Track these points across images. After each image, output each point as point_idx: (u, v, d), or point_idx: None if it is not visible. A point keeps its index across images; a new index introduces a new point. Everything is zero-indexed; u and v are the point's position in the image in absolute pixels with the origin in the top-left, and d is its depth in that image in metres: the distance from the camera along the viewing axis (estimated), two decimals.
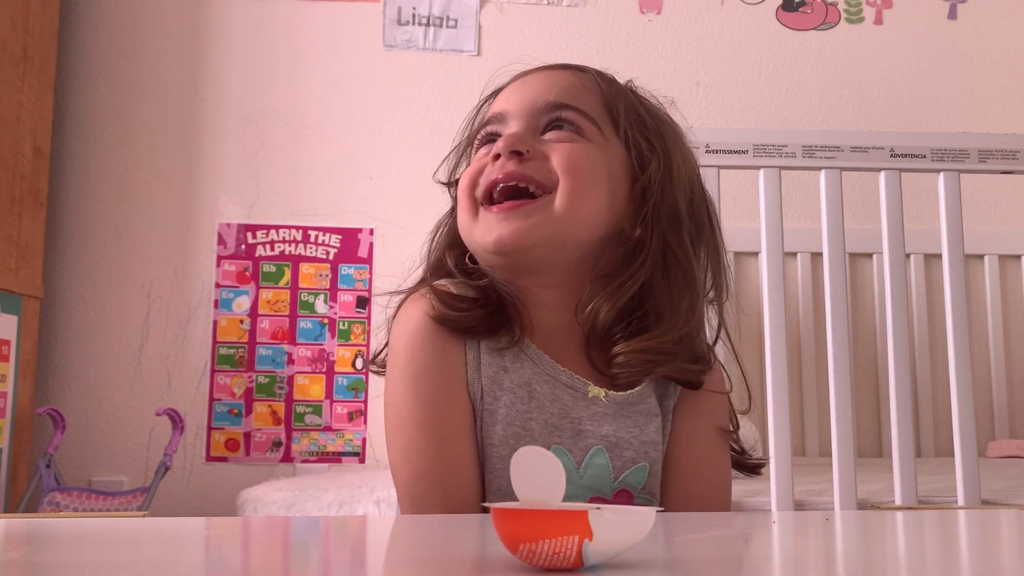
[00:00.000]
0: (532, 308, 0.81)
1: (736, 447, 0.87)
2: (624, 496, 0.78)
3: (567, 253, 0.80)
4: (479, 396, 0.78)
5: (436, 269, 0.88)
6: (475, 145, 0.87)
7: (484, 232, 0.80)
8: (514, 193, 0.79)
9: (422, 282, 0.85)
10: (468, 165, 0.88)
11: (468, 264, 0.85)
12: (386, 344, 0.84)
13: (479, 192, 0.81)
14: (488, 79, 0.92)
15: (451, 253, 0.87)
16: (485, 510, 0.75)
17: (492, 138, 0.84)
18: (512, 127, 0.82)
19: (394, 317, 0.83)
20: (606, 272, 0.80)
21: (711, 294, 0.86)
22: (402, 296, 0.83)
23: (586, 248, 0.80)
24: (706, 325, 0.86)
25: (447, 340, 0.77)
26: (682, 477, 0.81)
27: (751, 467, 0.89)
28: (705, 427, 0.83)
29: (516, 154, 0.79)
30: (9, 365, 2.12)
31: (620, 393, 0.79)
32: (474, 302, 0.79)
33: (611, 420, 0.78)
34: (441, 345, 0.77)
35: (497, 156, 0.80)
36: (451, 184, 0.90)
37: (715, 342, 0.88)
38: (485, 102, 0.90)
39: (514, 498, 0.46)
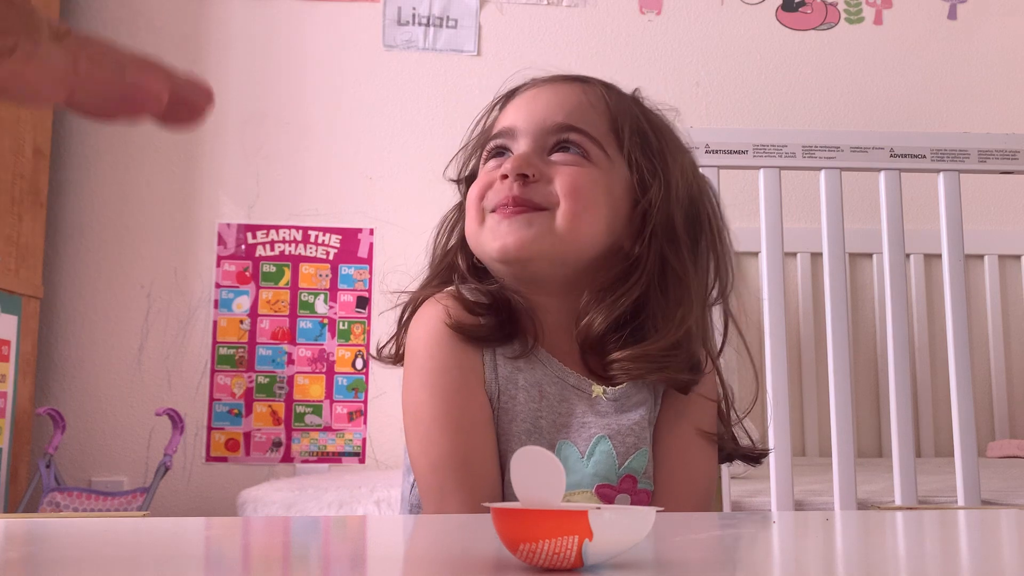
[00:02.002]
0: (538, 312, 0.85)
1: (730, 442, 0.89)
2: (629, 481, 0.81)
3: (566, 268, 0.84)
4: (496, 395, 0.81)
5: (448, 270, 0.91)
6: (485, 155, 0.90)
7: (490, 238, 0.84)
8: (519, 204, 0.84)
9: (438, 285, 0.89)
10: (475, 165, 0.92)
11: (478, 265, 0.89)
12: (394, 336, 0.88)
13: (487, 204, 0.85)
14: (489, 82, 0.94)
15: (462, 255, 0.90)
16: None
17: (501, 151, 0.88)
18: (521, 145, 0.86)
19: (409, 318, 0.86)
20: (603, 285, 0.84)
21: (715, 293, 0.89)
22: (416, 296, 0.87)
23: (586, 262, 0.84)
24: (709, 331, 0.89)
25: (462, 342, 0.81)
26: (662, 460, 0.84)
27: (753, 458, 0.92)
28: (685, 425, 0.85)
29: (522, 176, 0.83)
30: (9, 365, 2.12)
31: (617, 388, 0.83)
32: (487, 308, 0.83)
33: (612, 413, 0.83)
34: (459, 345, 0.81)
35: (505, 176, 0.84)
36: (460, 181, 0.94)
37: (723, 343, 0.91)
38: (497, 103, 0.93)
39: None
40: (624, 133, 0.87)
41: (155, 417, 2.27)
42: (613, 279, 0.84)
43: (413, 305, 0.86)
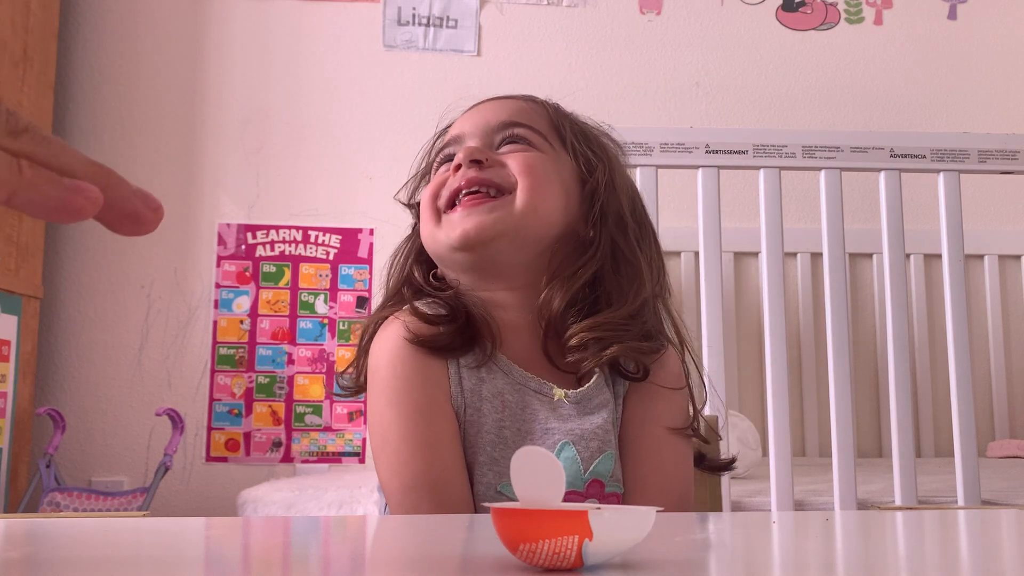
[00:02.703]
0: (497, 314, 0.85)
1: (698, 447, 0.89)
2: (596, 486, 0.81)
3: (527, 249, 0.85)
4: (462, 408, 0.81)
5: (405, 285, 0.92)
6: (434, 167, 0.93)
7: (448, 231, 0.85)
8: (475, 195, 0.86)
9: (393, 304, 0.89)
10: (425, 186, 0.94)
11: (434, 281, 0.90)
12: (353, 362, 0.88)
13: (442, 202, 0.87)
14: (488, 82, 0.96)
15: (418, 269, 0.92)
16: (485, 510, 0.76)
17: (450, 158, 0.90)
18: (469, 144, 0.89)
19: (368, 342, 0.86)
20: (560, 271, 0.86)
21: (657, 288, 0.91)
22: (373, 319, 0.87)
23: (543, 245, 0.86)
24: (663, 321, 0.91)
25: (427, 356, 0.81)
26: (632, 466, 0.84)
27: (718, 468, 0.92)
28: (652, 424, 0.85)
29: (476, 163, 0.85)
30: (9, 365, 2.12)
31: (578, 391, 0.83)
32: (445, 318, 0.83)
33: (575, 417, 0.83)
34: (422, 360, 0.81)
35: (458, 167, 0.86)
36: (411, 206, 0.96)
37: (680, 336, 0.92)
38: (441, 134, 0.96)
39: (501, 495, 0.46)
40: (565, 129, 0.91)
41: (155, 417, 2.27)
42: (569, 263, 0.86)
43: (373, 327, 0.86)
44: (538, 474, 0.45)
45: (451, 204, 0.86)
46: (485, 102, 0.94)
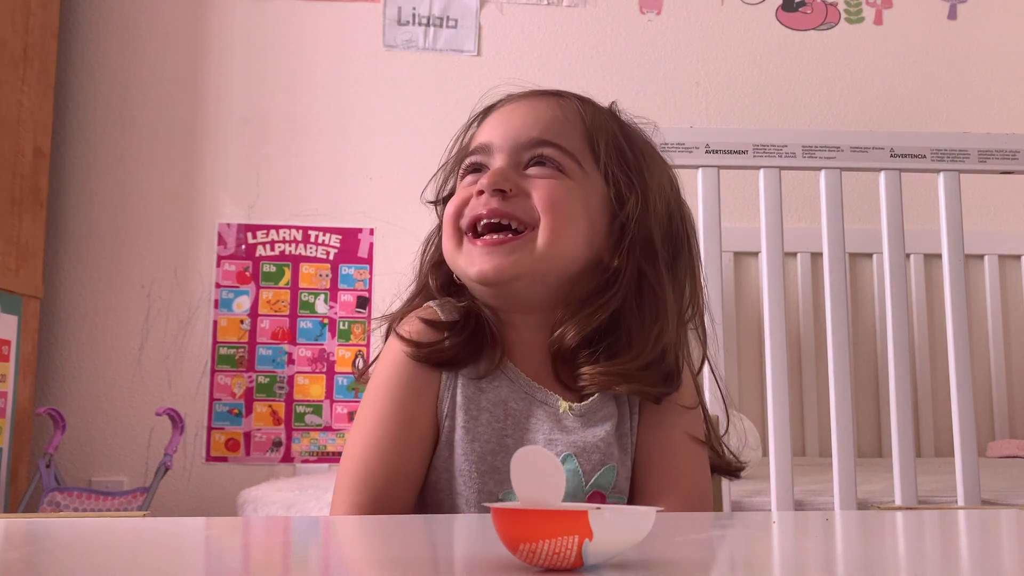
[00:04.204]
0: (510, 328, 0.86)
1: (715, 453, 0.88)
2: (597, 498, 0.82)
3: (547, 286, 0.84)
4: (450, 413, 0.82)
5: (424, 287, 0.92)
6: (461, 171, 0.90)
7: (467, 263, 0.84)
8: (497, 227, 0.84)
9: (417, 302, 0.89)
10: (454, 184, 0.92)
11: (457, 282, 0.89)
12: (371, 363, 0.89)
13: (464, 223, 0.85)
14: (488, 82, 0.94)
15: (437, 271, 0.91)
16: (484, 510, 0.76)
17: (477, 168, 0.88)
18: (496, 161, 0.86)
19: (386, 338, 0.87)
20: (580, 298, 0.84)
21: (689, 312, 0.89)
22: (391, 318, 0.88)
23: (564, 279, 0.84)
24: (685, 346, 0.88)
25: (422, 368, 0.82)
26: (650, 474, 0.84)
27: (732, 471, 0.91)
28: (669, 430, 0.85)
29: (499, 192, 0.83)
30: (9, 365, 2.12)
31: (583, 404, 0.83)
32: (452, 327, 0.83)
33: (579, 429, 0.82)
34: (413, 370, 0.82)
35: (481, 192, 0.84)
36: (438, 203, 0.94)
37: (702, 363, 0.91)
38: (474, 121, 0.93)
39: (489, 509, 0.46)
40: (600, 147, 0.87)
41: (155, 417, 2.27)
42: (590, 292, 0.84)
43: (389, 327, 0.87)
44: (538, 474, 0.45)
45: (472, 227, 0.84)
46: (521, 101, 0.90)
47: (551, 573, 0.43)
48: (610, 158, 0.87)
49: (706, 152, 1.59)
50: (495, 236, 0.83)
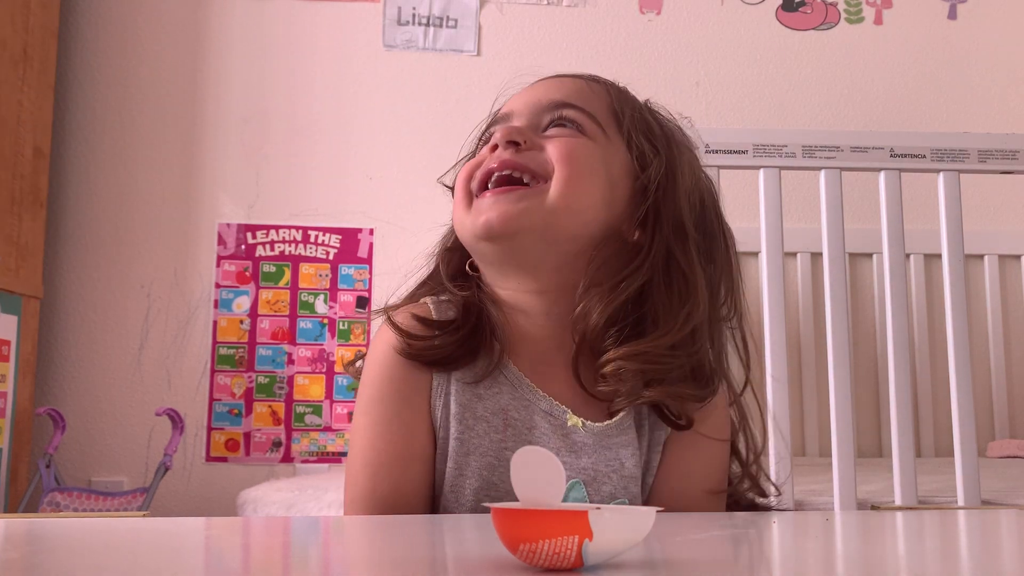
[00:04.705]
0: (518, 319, 0.78)
1: (748, 489, 0.82)
2: None
3: (559, 246, 0.77)
4: (444, 422, 0.75)
5: (429, 278, 0.86)
6: (478, 146, 0.87)
7: (475, 218, 0.78)
8: (509, 182, 0.78)
9: (418, 291, 0.84)
10: None
11: (469, 271, 0.83)
12: (364, 355, 0.84)
13: (474, 183, 0.80)
14: (488, 82, 0.92)
15: (450, 257, 0.85)
16: (483, 511, 0.76)
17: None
18: (515, 123, 0.82)
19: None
20: (600, 279, 0.76)
21: (725, 309, 0.83)
22: (386, 311, 0.82)
23: (580, 244, 0.77)
24: (723, 351, 0.82)
25: (410, 369, 0.76)
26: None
27: (764, 508, 0.85)
28: (690, 477, 0.78)
29: (513, 144, 0.78)
30: (9, 365, 2.12)
31: (599, 424, 0.75)
32: (448, 325, 0.77)
33: (590, 452, 0.75)
34: (401, 371, 0.76)
35: (495, 148, 0.79)
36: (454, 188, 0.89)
37: (747, 380, 0.84)
38: (497, 111, 0.89)
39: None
40: (624, 115, 0.82)
41: (155, 417, 2.27)
42: (611, 270, 0.76)
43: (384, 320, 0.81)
44: (538, 474, 0.45)
45: (483, 185, 0.79)
46: (545, 79, 0.86)
47: (551, 573, 0.43)
48: (634, 126, 0.82)
49: (706, 152, 1.59)
50: (506, 184, 0.77)
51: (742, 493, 0.81)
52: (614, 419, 0.76)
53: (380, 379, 0.77)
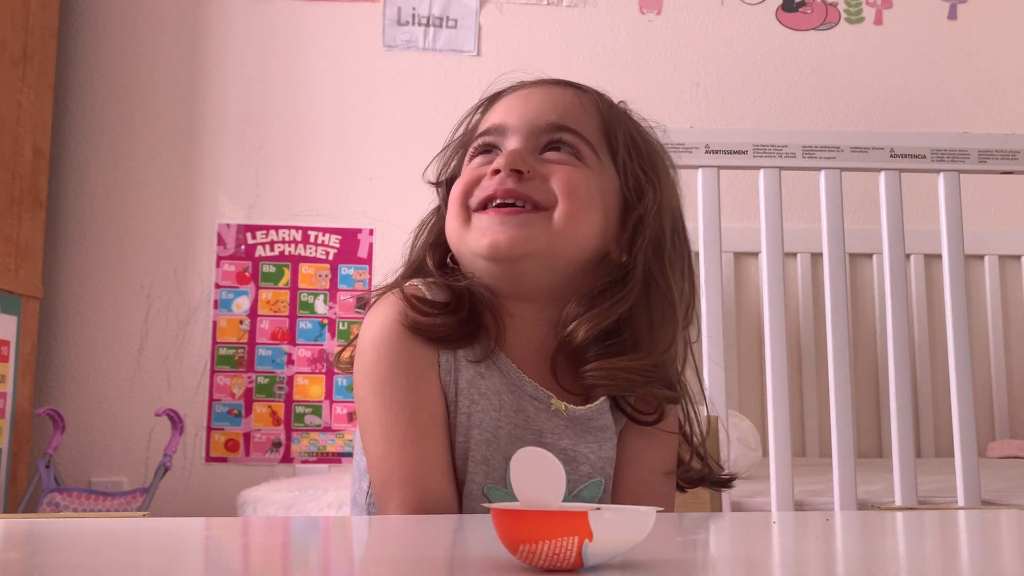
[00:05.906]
0: (505, 319, 0.81)
1: (700, 465, 0.86)
2: None
3: (556, 272, 0.80)
4: (454, 398, 0.77)
5: (416, 270, 0.87)
6: (470, 152, 0.86)
7: (478, 236, 0.79)
8: (512, 204, 0.80)
9: (395, 282, 0.84)
10: (457, 165, 0.88)
11: (450, 264, 0.85)
12: (351, 341, 0.84)
13: (473, 202, 0.81)
14: (488, 82, 0.92)
15: (433, 252, 0.87)
16: (471, 507, 0.76)
17: (488, 149, 0.84)
18: (512, 143, 0.82)
19: (366, 314, 0.82)
20: (588, 299, 0.80)
21: (688, 316, 0.87)
22: (370, 296, 0.83)
23: (574, 268, 0.81)
24: (684, 353, 0.86)
25: (416, 342, 0.77)
26: (622, 500, 0.82)
27: (721, 483, 0.89)
28: (644, 467, 0.83)
29: (516, 172, 0.79)
30: (9, 365, 2.12)
31: (579, 408, 0.80)
32: (445, 307, 0.79)
33: (570, 434, 0.79)
34: (408, 347, 0.77)
35: (496, 171, 0.80)
36: (439, 184, 0.91)
37: (683, 366, 0.87)
38: (482, 106, 0.90)
39: (485, 498, 0.46)
40: (617, 140, 0.84)
41: (155, 417, 2.27)
42: (597, 288, 0.81)
43: (369, 305, 0.83)
44: (538, 474, 0.45)
45: (483, 207, 0.80)
46: (536, 87, 0.87)
47: (551, 574, 0.43)
48: (627, 151, 0.84)
49: (706, 152, 1.59)
50: (510, 208, 0.79)
51: (692, 471, 0.86)
52: (594, 404, 0.80)
53: (389, 358, 0.77)
